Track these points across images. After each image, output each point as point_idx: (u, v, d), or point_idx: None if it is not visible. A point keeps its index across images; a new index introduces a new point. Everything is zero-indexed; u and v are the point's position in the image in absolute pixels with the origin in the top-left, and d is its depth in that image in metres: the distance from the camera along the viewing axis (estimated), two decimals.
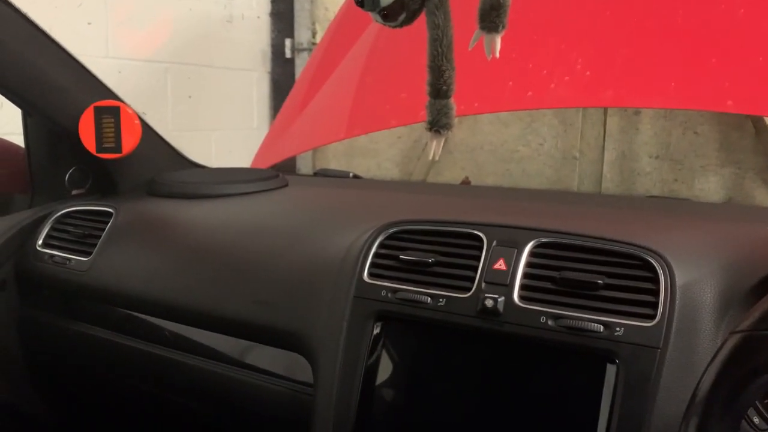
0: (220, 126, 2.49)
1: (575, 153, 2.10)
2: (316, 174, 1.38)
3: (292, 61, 2.51)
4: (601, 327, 0.63)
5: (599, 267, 0.66)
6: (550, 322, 0.65)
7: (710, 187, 1.93)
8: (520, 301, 0.67)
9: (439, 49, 0.52)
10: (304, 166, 2.57)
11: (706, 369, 0.51)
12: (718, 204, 1.72)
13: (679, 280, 0.62)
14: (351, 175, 1.34)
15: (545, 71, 1.29)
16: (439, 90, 0.53)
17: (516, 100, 1.34)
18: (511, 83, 1.33)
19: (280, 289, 0.82)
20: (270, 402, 0.82)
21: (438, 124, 0.55)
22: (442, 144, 0.55)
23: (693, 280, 0.63)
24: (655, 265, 0.63)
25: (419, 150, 2.36)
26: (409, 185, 1.57)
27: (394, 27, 0.50)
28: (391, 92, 1.51)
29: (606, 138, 2.05)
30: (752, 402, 0.46)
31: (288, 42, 2.50)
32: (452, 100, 0.55)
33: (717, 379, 0.44)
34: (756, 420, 0.59)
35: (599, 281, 0.65)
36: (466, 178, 2.02)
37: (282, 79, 2.55)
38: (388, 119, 1.55)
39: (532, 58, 1.31)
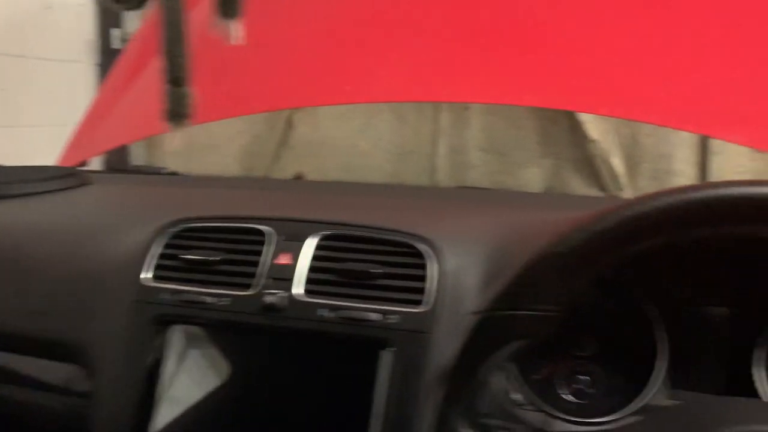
0: (41, 122, 2.28)
1: (410, 148, 2.16)
2: (125, 171, 1.30)
3: (120, 51, 2.35)
4: (377, 315, 0.64)
5: (378, 257, 0.67)
6: (330, 314, 0.65)
7: (533, 177, 2.06)
8: (303, 295, 0.67)
9: (173, 34, 0.49)
10: (139, 163, 2.42)
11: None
12: (525, 193, 1.84)
13: (447, 266, 0.64)
14: (167, 170, 1.27)
15: (365, 66, 1.31)
16: (175, 77, 0.51)
17: (335, 94, 1.35)
18: (331, 78, 1.33)
19: (56, 297, 0.76)
20: (44, 418, 0.76)
21: (175, 113, 0.52)
22: (181, 134, 0.53)
23: (461, 265, 0.65)
24: (424, 251, 0.65)
25: (260, 145, 2.31)
26: (231, 181, 1.51)
27: (128, 10, 0.47)
28: (231, 80, 1.45)
29: (438, 133, 2.12)
30: (485, 379, 0.49)
31: (115, 32, 2.34)
32: (190, 89, 0.52)
33: (456, 361, 0.46)
34: (516, 396, 0.63)
35: (375, 270, 0.66)
36: (300, 174, 2.01)
37: (110, 71, 2.38)
38: (226, 108, 1.49)
39: (352, 52, 1.32)
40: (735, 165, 1.86)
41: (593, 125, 1.92)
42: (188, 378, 0.69)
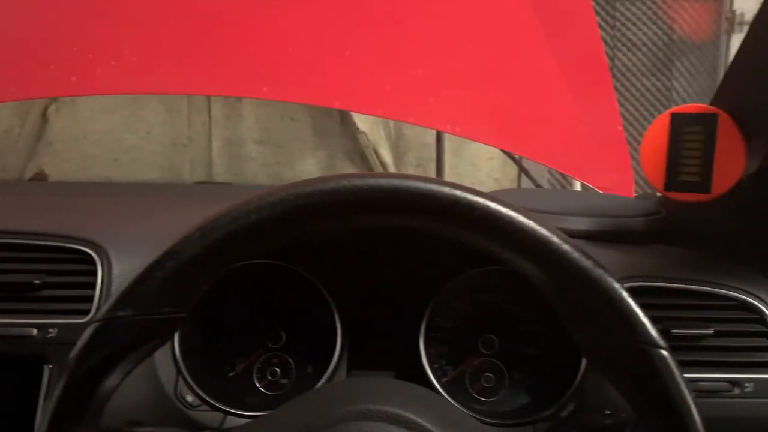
0: None
1: (184, 140, 2.08)
2: None
3: None
4: (35, 330, 0.59)
5: (41, 265, 0.62)
6: None
7: (309, 168, 2.09)
8: None
9: None
10: None
11: None
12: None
13: (115, 270, 0.61)
14: None
15: (90, 55, 1.22)
16: None
17: (60, 85, 1.24)
18: (53, 67, 1.22)
19: None
20: None
21: None
22: None
23: (131, 268, 0.62)
24: (93, 256, 0.61)
25: (12, 141, 2.08)
26: None
27: None
28: None
29: (212, 125, 2.07)
30: (113, 388, 0.46)
31: None
32: None
33: (80, 372, 0.43)
34: (189, 398, 0.62)
35: (36, 281, 0.60)
36: (41, 172, 1.84)
37: None
38: None
39: (76, 41, 1.23)
40: (486, 152, 2.04)
41: (361, 118, 1.99)
42: None
